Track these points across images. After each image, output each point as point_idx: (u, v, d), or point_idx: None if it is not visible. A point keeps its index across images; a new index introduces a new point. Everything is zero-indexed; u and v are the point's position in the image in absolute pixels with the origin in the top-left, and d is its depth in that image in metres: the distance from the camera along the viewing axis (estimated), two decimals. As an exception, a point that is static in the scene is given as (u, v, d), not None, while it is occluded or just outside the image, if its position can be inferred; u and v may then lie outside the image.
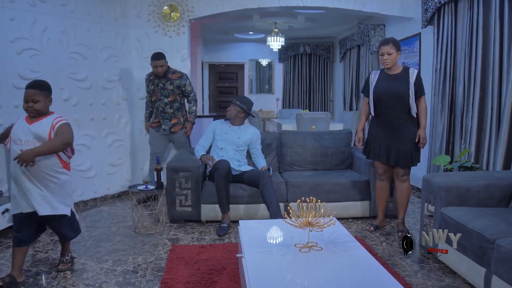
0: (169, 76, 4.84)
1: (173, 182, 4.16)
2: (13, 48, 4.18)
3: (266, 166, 4.42)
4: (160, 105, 4.90)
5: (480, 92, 4.20)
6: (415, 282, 2.92)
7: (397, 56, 3.65)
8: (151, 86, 4.91)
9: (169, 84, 4.83)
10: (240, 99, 4.44)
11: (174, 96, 4.90)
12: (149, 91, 4.98)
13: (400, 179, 3.86)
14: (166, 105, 4.89)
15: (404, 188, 3.87)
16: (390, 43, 3.62)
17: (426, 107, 3.68)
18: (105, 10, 5.11)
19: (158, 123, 5.02)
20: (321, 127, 6.70)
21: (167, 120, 4.96)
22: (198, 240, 3.81)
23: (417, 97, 3.64)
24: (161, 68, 4.73)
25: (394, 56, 3.62)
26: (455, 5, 4.59)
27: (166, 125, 4.97)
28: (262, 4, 5.52)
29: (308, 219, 2.41)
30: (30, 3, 4.29)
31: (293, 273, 2.24)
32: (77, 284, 2.90)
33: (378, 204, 4.07)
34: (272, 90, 11.14)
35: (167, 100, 4.88)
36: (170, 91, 4.86)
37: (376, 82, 3.76)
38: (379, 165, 3.89)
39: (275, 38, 8.35)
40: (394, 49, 3.61)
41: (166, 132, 4.98)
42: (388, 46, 3.62)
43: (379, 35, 6.86)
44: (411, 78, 3.62)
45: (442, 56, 4.76)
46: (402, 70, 3.70)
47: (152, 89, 4.91)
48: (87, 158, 4.88)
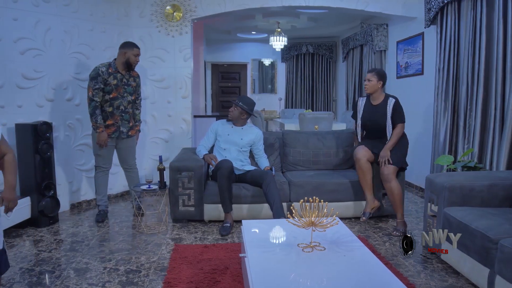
0: (131, 73, 4.38)
1: (176, 182, 4.16)
2: (16, 48, 4.19)
3: (268, 166, 4.42)
4: (123, 103, 4.30)
5: (484, 92, 4.19)
6: (418, 282, 2.91)
7: (378, 85, 4.01)
8: (113, 80, 4.20)
9: (132, 80, 4.37)
10: (242, 99, 4.41)
11: (134, 95, 4.45)
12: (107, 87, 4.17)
13: (385, 178, 3.93)
14: (129, 103, 4.36)
15: (391, 187, 3.92)
16: (374, 72, 4.03)
17: (399, 132, 3.98)
18: (108, 10, 5.12)
19: (112, 128, 4.29)
20: (324, 127, 6.70)
21: (126, 122, 4.37)
22: (201, 239, 3.81)
23: (394, 125, 3.98)
24: (139, 59, 4.34)
25: (373, 83, 4.00)
26: (458, 5, 4.58)
27: (125, 127, 4.36)
28: (265, 4, 5.52)
29: (311, 219, 2.41)
30: (33, 3, 4.30)
31: (296, 273, 2.24)
32: (81, 284, 2.90)
33: (362, 186, 4.13)
34: (275, 90, 11.14)
35: (130, 98, 4.36)
36: (133, 89, 4.39)
37: (363, 111, 4.17)
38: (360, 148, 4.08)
39: (277, 38, 8.36)
40: (375, 77, 4.00)
41: (124, 135, 4.36)
42: (370, 74, 4.03)
43: (382, 35, 6.85)
44: (388, 109, 3.98)
45: (445, 56, 4.74)
46: (382, 101, 4.06)
47: (114, 83, 4.20)
48: (90, 157, 4.88)
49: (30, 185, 4.12)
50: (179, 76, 5.57)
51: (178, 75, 5.57)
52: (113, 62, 4.26)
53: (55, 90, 4.57)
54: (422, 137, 5.54)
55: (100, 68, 4.15)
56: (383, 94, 4.10)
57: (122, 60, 4.23)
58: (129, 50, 4.22)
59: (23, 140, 4.08)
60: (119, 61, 4.24)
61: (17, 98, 4.23)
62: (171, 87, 5.58)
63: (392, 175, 3.91)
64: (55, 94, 4.58)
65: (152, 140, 5.62)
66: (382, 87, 4.07)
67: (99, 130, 4.16)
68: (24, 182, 4.15)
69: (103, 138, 4.18)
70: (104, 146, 4.23)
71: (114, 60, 4.28)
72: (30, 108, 4.34)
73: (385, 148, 3.97)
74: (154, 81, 5.55)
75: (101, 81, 4.13)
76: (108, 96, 4.21)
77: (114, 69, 4.22)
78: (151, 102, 5.57)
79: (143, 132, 5.54)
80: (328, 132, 5.05)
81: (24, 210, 4.01)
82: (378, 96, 4.07)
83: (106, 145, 4.23)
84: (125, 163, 4.53)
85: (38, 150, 4.08)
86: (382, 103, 4.04)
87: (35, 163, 4.08)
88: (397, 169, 3.95)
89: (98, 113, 4.14)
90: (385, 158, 3.94)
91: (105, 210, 4.44)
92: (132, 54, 4.22)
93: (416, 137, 5.62)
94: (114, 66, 4.23)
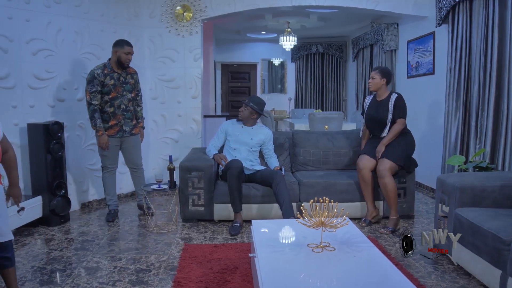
0: (127, 70, 4.34)
1: (186, 182, 4.17)
2: (28, 49, 4.24)
3: (278, 166, 4.42)
4: (123, 102, 4.27)
5: (496, 91, 4.14)
6: (429, 283, 2.89)
7: (381, 82, 4.08)
8: (110, 80, 4.16)
9: (130, 78, 4.33)
10: (252, 99, 4.41)
11: (134, 93, 4.42)
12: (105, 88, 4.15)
13: (380, 174, 3.94)
14: (129, 101, 4.33)
15: (385, 183, 3.93)
16: (377, 70, 4.13)
17: (397, 128, 4.01)
18: (119, 10, 5.16)
19: (115, 128, 4.28)
20: (334, 126, 6.68)
21: (129, 120, 4.35)
22: (211, 239, 3.82)
23: (395, 118, 4.02)
24: (131, 57, 4.26)
25: (377, 81, 4.09)
26: (470, 3, 4.54)
27: (128, 126, 4.34)
28: (275, 4, 5.51)
29: (321, 219, 2.41)
30: (45, 5, 4.34)
31: (306, 273, 2.23)
32: (91, 282, 2.92)
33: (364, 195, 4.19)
34: (285, 90, 11.13)
35: (130, 95, 4.33)
36: (132, 86, 4.35)
37: (368, 107, 4.27)
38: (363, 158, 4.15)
39: (287, 38, 8.35)
40: (378, 75, 4.08)
41: (127, 134, 4.33)
42: (374, 72, 4.13)
43: (392, 34, 6.81)
44: (390, 104, 4.03)
45: (456, 55, 4.70)
46: (386, 97, 4.11)
47: (112, 84, 4.16)
48: (101, 157, 4.93)
49: (41, 185, 4.16)
50: (189, 76, 5.58)
51: (188, 75, 5.58)
52: (108, 62, 4.23)
53: (66, 90, 4.61)
54: (433, 137, 5.50)
55: (96, 71, 4.11)
56: (388, 91, 4.15)
57: (114, 59, 4.20)
58: (120, 48, 4.16)
59: (35, 140, 4.13)
60: (113, 60, 4.22)
61: (29, 98, 4.28)
62: (181, 87, 5.60)
63: (387, 172, 3.91)
64: (66, 94, 4.63)
65: (162, 140, 5.64)
66: (386, 84, 4.11)
67: (99, 133, 4.15)
68: (36, 181, 4.19)
69: (103, 141, 4.17)
70: (106, 149, 4.23)
71: (109, 60, 4.25)
72: (41, 108, 4.39)
73: (381, 143, 4.04)
74: (164, 81, 5.57)
75: (97, 83, 4.09)
76: (108, 96, 4.18)
77: (109, 69, 4.18)
78: (161, 102, 5.59)
79: (153, 132, 5.58)
80: (338, 132, 5.04)
81: (36, 209, 4.05)
82: (382, 93, 4.13)
83: (107, 147, 4.21)
84: (132, 163, 4.50)
85: (50, 150, 4.12)
86: (385, 99, 4.10)
87: (47, 162, 4.12)
88: (393, 165, 3.94)
89: (97, 117, 4.12)
90: (379, 153, 4.00)
91: (115, 210, 4.47)
92: (123, 53, 4.15)
93: (427, 137, 5.58)
94: (109, 66, 4.19)
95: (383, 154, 3.99)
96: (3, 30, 4.01)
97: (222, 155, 4.31)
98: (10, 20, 4.07)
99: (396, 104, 4.01)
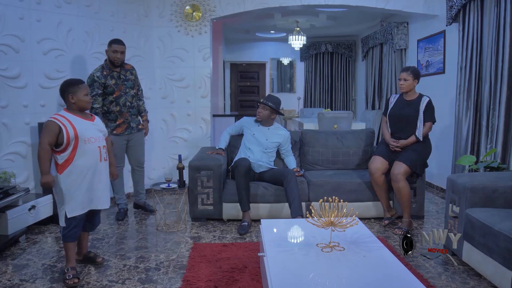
0: (125, 67, 4.32)
1: (195, 181, 4.19)
2: (39, 49, 4.28)
3: (297, 167, 4.45)
4: (128, 99, 4.29)
5: (507, 91, 4.10)
6: (439, 284, 2.87)
7: (413, 83, 4.01)
8: (111, 80, 4.17)
9: (129, 74, 4.33)
10: (270, 99, 4.36)
11: (135, 88, 4.43)
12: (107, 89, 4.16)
13: (394, 178, 3.90)
14: (133, 97, 4.35)
15: (399, 188, 3.89)
16: (409, 71, 4.00)
17: (425, 133, 3.98)
18: (129, 10, 5.18)
19: (123, 126, 4.31)
20: (343, 126, 6.66)
21: (135, 116, 4.39)
22: (220, 238, 3.82)
23: (425, 121, 3.98)
24: (122, 55, 4.19)
25: (410, 82, 3.99)
26: (481, 2, 4.50)
27: (135, 122, 4.39)
28: (284, 3, 5.50)
29: (330, 219, 2.40)
30: (56, 5, 4.38)
31: (315, 273, 2.23)
32: (101, 280, 2.94)
33: (378, 198, 4.19)
34: (294, 89, 11.11)
35: (133, 92, 4.35)
36: (133, 82, 4.36)
37: (393, 105, 4.16)
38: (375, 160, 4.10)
39: (296, 37, 8.33)
40: (411, 76, 3.98)
41: (134, 130, 4.38)
42: (406, 73, 4.01)
43: (402, 33, 6.77)
44: (421, 105, 3.97)
45: (467, 54, 4.66)
46: (416, 97, 4.05)
47: (113, 83, 4.17)
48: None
49: (52, 183, 4.19)
50: (198, 76, 5.60)
51: (197, 75, 5.60)
52: (105, 63, 4.23)
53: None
54: (443, 137, 5.46)
55: (95, 74, 4.11)
56: (417, 92, 4.10)
57: (107, 59, 4.22)
58: (108, 47, 4.16)
59: (45, 139, 4.15)
60: (107, 61, 4.23)
61: (40, 98, 4.32)
62: (191, 87, 5.61)
63: (402, 176, 3.87)
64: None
65: (171, 139, 5.66)
66: None
67: None
68: (47, 180, 4.21)
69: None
70: None
71: (105, 60, 4.25)
72: (52, 107, 4.42)
73: (409, 139, 3.99)
74: (173, 80, 5.59)
75: (97, 86, 4.09)
76: (112, 96, 4.19)
77: (107, 70, 4.18)
78: (171, 101, 5.61)
79: (163, 131, 5.60)
80: (348, 132, 5.02)
81: (47, 207, 4.08)
82: (412, 94, 4.07)
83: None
84: (137, 162, 4.51)
85: (60, 149, 4.14)
86: (416, 99, 4.04)
87: (57, 161, 4.14)
88: (408, 170, 3.90)
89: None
90: (396, 145, 4.03)
91: (124, 209, 4.49)
92: (110, 51, 4.14)
93: (437, 137, 5.54)
94: (107, 67, 4.20)
95: (400, 156, 3.96)
96: (15, 30, 4.05)
97: (219, 150, 4.50)
98: (22, 20, 4.11)
99: (428, 106, 3.97)
